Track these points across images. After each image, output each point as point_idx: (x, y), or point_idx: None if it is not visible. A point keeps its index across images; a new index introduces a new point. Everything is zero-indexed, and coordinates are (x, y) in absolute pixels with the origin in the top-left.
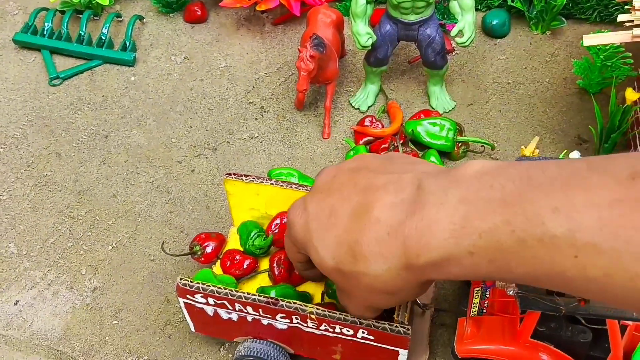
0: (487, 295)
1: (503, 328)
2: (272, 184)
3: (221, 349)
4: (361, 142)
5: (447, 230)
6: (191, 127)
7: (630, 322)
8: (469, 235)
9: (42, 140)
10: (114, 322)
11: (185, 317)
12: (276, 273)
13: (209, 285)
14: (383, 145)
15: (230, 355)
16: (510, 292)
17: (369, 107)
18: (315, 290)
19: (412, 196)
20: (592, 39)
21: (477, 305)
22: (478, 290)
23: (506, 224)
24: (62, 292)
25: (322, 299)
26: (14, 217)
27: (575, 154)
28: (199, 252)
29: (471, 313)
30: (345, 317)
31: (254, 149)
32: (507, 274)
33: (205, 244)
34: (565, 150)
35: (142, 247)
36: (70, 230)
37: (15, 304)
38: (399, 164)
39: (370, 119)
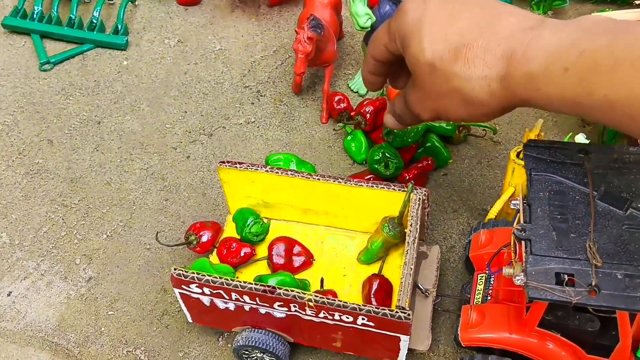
0: (492, 283)
1: (509, 316)
2: (267, 171)
3: (220, 339)
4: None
5: (554, 46)
6: (186, 112)
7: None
8: (570, 53)
9: (33, 127)
10: (109, 313)
11: (181, 308)
12: (274, 261)
13: (204, 275)
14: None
15: (229, 345)
16: (518, 281)
17: (367, 91)
18: (313, 278)
19: (535, 24)
20: None
21: (481, 292)
22: (482, 277)
23: (609, 45)
24: (56, 282)
25: (322, 285)
26: (5, 205)
27: (580, 137)
28: (195, 242)
29: (475, 301)
30: (345, 304)
31: (250, 134)
32: (587, 97)
33: (201, 233)
34: (571, 133)
35: (137, 235)
36: (63, 219)
37: (8, 295)
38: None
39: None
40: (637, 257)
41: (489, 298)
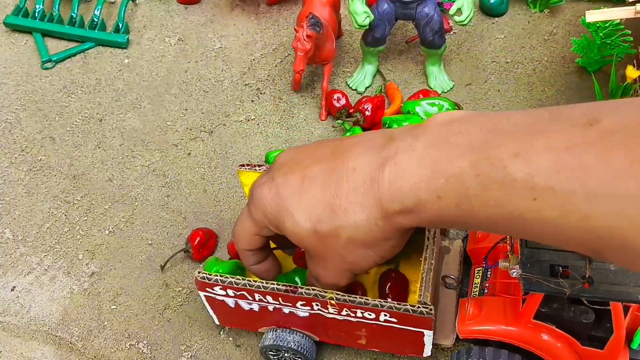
0: (489, 276)
1: (505, 309)
2: None
3: (221, 333)
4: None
5: (417, 175)
6: (186, 109)
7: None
8: (437, 180)
9: (35, 124)
10: (112, 307)
11: (208, 311)
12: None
13: (227, 277)
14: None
15: (230, 339)
16: (514, 274)
17: (366, 88)
18: None
19: (384, 145)
20: (595, 15)
21: (478, 285)
22: (479, 270)
23: (472, 168)
24: (59, 277)
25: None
26: (8, 202)
27: None
28: (190, 252)
29: (472, 294)
30: (366, 301)
31: (250, 132)
32: (471, 218)
33: (195, 241)
34: None
35: (139, 231)
36: (66, 215)
37: (12, 290)
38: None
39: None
40: None
41: (485, 291)
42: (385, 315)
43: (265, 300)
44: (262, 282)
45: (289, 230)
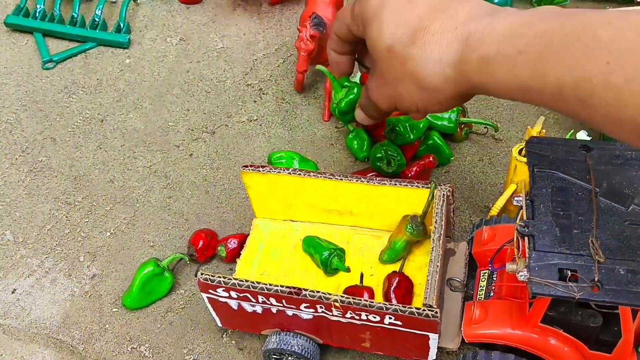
0: (494, 279)
1: (512, 312)
2: (289, 173)
3: (224, 336)
4: None
5: (507, 29)
6: (188, 110)
7: None
8: (524, 36)
9: (36, 125)
10: (114, 310)
11: (211, 313)
12: None
13: (230, 279)
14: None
15: (233, 342)
16: (522, 277)
17: None
18: (343, 276)
19: (491, 11)
20: None
21: (484, 288)
22: (485, 273)
23: (562, 28)
24: (60, 279)
25: (361, 281)
26: (9, 203)
27: (582, 134)
28: (195, 255)
29: (478, 297)
30: (371, 304)
31: (253, 132)
32: (539, 80)
33: (199, 244)
34: (572, 130)
35: (141, 233)
36: (67, 217)
37: (13, 292)
38: None
39: None
40: (639, 253)
41: (491, 294)
42: (390, 318)
43: (269, 302)
44: (266, 284)
45: (371, 35)
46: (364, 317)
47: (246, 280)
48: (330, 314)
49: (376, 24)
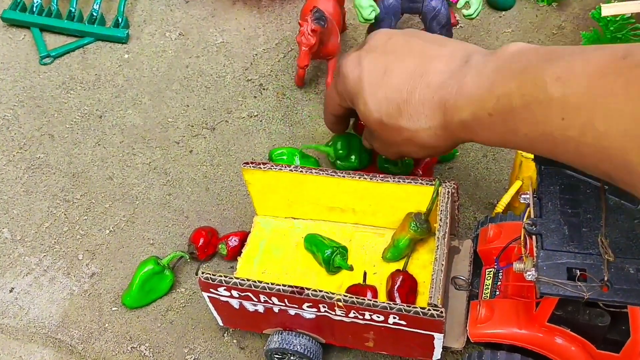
0: (500, 278)
1: (518, 312)
2: (291, 170)
3: (225, 335)
4: None
5: (476, 94)
6: (188, 106)
7: None
8: (490, 99)
9: (34, 121)
10: (113, 309)
11: (212, 312)
12: None
13: (232, 278)
14: None
15: (234, 341)
16: (530, 277)
17: None
18: (346, 275)
19: (459, 67)
20: (610, 9)
21: (490, 287)
22: (490, 271)
23: (519, 89)
24: (58, 278)
25: (364, 280)
26: (6, 201)
27: None
28: (196, 253)
29: (483, 295)
30: (375, 303)
31: (253, 128)
32: (513, 135)
33: (200, 242)
34: None
35: (140, 230)
36: (65, 214)
37: (11, 291)
38: (451, 41)
39: None
40: None
41: (497, 293)
42: (394, 317)
43: (271, 302)
44: (268, 283)
45: (360, 111)
46: (367, 316)
47: (248, 280)
48: (333, 313)
49: (361, 100)
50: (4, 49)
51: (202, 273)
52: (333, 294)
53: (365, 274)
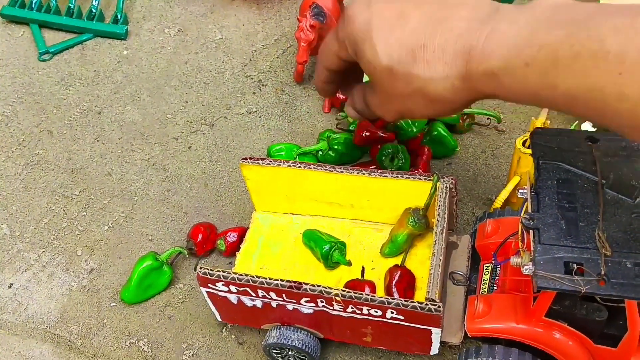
0: (498, 273)
1: (515, 306)
2: (289, 166)
3: (223, 330)
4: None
5: (512, 41)
6: (187, 102)
7: None
8: (530, 47)
9: (32, 117)
10: (112, 304)
11: (210, 308)
12: None
13: (230, 273)
14: None
15: (232, 337)
16: (527, 271)
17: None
18: (345, 270)
19: (488, 15)
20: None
21: (487, 282)
22: (488, 267)
23: (568, 38)
24: (57, 274)
25: (362, 275)
26: (5, 197)
27: (587, 125)
28: (194, 249)
29: (481, 290)
30: (372, 298)
31: (252, 124)
32: (550, 90)
33: (198, 238)
34: (577, 122)
35: (139, 226)
36: (64, 210)
37: (10, 287)
38: None
39: None
40: None
41: (495, 288)
42: (392, 312)
43: (269, 297)
44: (266, 278)
45: (365, 59)
46: (365, 311)
47: (246, 275)
48: (331, 308)
49: (368, 46)
50: (2, 45)
51: (201, 268)
52: (331, 288)
53: (363, 269)
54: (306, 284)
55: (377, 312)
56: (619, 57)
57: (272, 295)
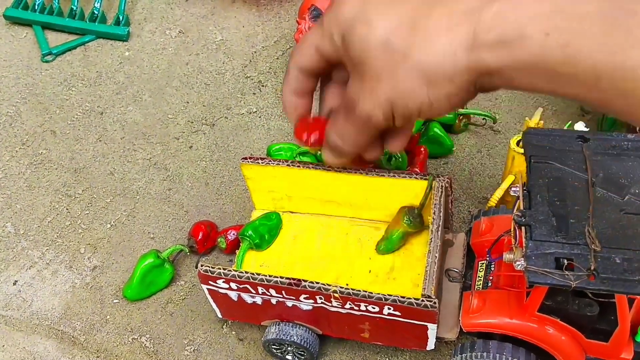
0: (492, 269)
1: (509, 302)
2: (288, 165)
3: (224, 326)
4: None
5: (532, 9)
6: (188, 102)
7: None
8: (553, 16)
9: (36, 117)
10: (114, 301)
11: (211, 304)
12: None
13: (230, 270)
14: None
15: (233, 333)
16: (519, 267)
17: None
18: (338, 271)
19: None
20: None
21: (482, 278)
22: (482, 263)
23: (599, 10)
24: (61, 271)
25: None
26: (9, 196)
27: (580, 125)
28: (195, 247)
29: (476, 287)
30: (370, 295)
31: (252, 125)
32: (571, 66)
33: (199, 236)
34: (570, 122)
35: (141, 225)
36: (67, 209)
37: (14, 284)
38: None
39: None
40: (635, 242)
41: (489, 284)
42: (389, 308)
43: (269, 294)
44: (265, 275)
45: (357, 38)
46: (363, 307)
47: (246, 272)
48: (330, 304)
49: (362, 22)
50: (6, 46)
51: (202, 266)
52: (329, 285)
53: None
54: (305, 280)
55: (374, 308)
56: None
57: (272, 292)
